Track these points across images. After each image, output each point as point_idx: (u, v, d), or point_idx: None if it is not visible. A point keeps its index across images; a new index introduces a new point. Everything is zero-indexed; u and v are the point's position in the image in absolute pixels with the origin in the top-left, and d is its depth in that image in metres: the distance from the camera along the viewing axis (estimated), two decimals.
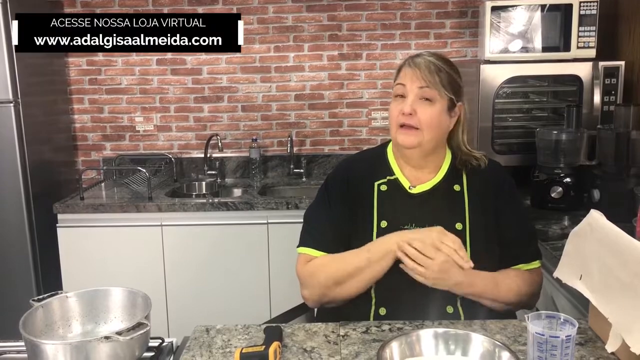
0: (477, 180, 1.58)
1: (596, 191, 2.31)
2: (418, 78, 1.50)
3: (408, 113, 1.49)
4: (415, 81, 1.50)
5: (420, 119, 1.49)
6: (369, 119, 3.51)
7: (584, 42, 2.68)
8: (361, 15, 3.40)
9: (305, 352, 1.28)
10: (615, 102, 2.62)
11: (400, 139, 1.52)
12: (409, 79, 1.51)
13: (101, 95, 3.52)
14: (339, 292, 1.50)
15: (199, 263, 2.96)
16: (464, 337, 1.22)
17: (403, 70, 1.54)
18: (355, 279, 1.46)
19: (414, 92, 1.50)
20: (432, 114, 1.50)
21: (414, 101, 1.50)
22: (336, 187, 1.62)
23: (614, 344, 1.17)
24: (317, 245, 1.56)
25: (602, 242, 1.23)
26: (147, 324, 1.24)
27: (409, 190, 1.56)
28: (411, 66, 1.52)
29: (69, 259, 2.94)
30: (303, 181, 3.46)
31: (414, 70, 1.51)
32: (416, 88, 1.50)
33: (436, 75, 1.50)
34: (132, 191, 3.16)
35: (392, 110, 1.54)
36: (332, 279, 1.49)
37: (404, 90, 1.51)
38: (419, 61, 1.52)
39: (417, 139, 1.50)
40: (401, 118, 1.50)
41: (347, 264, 1.48)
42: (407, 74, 1.52)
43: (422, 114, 1.49)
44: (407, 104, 1.49)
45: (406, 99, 1.51)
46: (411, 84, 1.50)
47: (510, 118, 2.89)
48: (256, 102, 3.50)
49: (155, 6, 3.40)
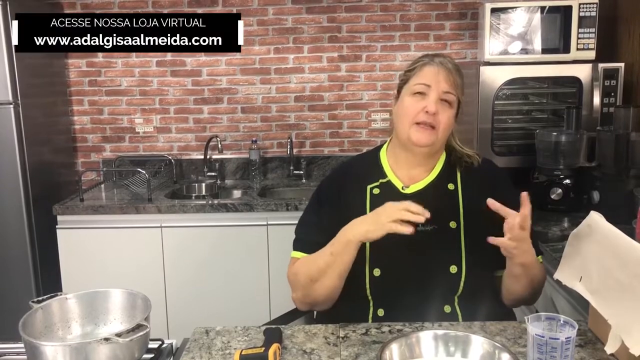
0: (471, 178, 1.58)
1: (596, 193, 2.31)
2: (446, 81, 1.49)
3: (433, 112, 1.48)
4: (442, 83, 1.49)
5: (440, 119, 1.49)
6: (369, 121, 3.51)
7: (584, 44, 2.68)
8: (361, 17, 3.40)
9: (305, 353, 1.28)
10: (614, 103, 2.62)
11: (415, 137, 1.50)
12: (437, 79, 1.49)
13: (101, 97, 3.52)
14: (316, 290, 1.50)
15: (199, 264, 2.96)
16: (463, 338, 1.22)
17: (426, 69, 1.51)
18: (326, 274, 1.47)
19: (437, 93, 1.49)
20: (450, 116, 1.51)
21: (436, 101, 1.49)
22: (327, 192, 1.63)
23: (614, 346, 1.17)
24: (306, 249, 1.56)
25: (601, 244, 1.23)
26: (146, 326, 1.23)
27: (402, 191, 1.56)
28: (437, 66, 1.50)
29: (68, 260, 2.94)
30: (303, 183, 3.46)
31: (443, 71, 1.49)
32: (441, 90, 1.49)
33: (458, 77, 1.51)
34: (132, 193, 3.16)
35: (410, 107, 1.51)
36: (308, 278, 1.50)
37: (426, 89, 1.50)
38: (445, 62, 1.51)
39: (432, 139, 1.50)
40: (423, 116, 1.48)
41: (318, 260, 1.49)
42: (432, 73, 1.50)
43: (442, 115, 1.49)
44: (432, 102, 1.48)
45: (428, 97, 1.49)
46: (437, 85, 1.49)
47: (509, 120, 2.89)
48: (256, 103, 3.51)
49: (155, 8, 3.40)
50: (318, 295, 1.51)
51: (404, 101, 1.53)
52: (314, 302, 1.55)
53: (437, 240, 1.50)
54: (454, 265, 1.48)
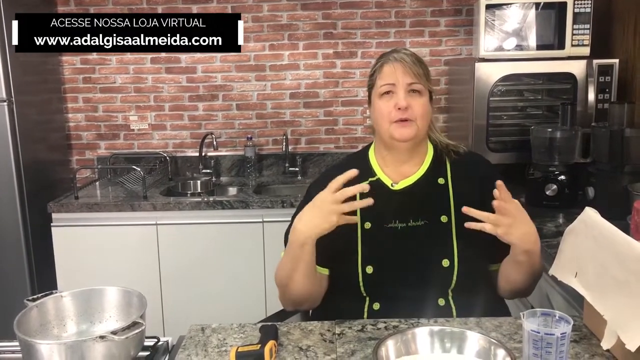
0: (461, 172, 1.59)
1: (591, 189, 2.31)
2: (407, 73, 1.50)
3: (405, 107, 1.49)
4: (404, 75, 1.50)
5: (414, 111, 1.50)
6: (364, 117, 3.51)
7: (578, 40, 2.69)
8: (356, 13, 3.40)
9: (301, 350, 1.28)
10: (609, 99, 2.63)
11: (398, 134, 1.51)
12: (397, 74, 1.51)
13: (95, 94, 3.51)
14: (292, 288, 1.51)
15: (194, 262, 2.95)
16: (459, 334, 1.22)
17: (385, 68, 1.54)
18: (294, 277, 1.48)
19: (403, 87, 1.51)
20: (424, 103, 1.52)
21: (405, 95, 1.50)
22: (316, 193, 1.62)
23: (610, 341, 1.17)
24: None
25: (596, 240, 1.23)
26: (142, 323, 1.23)
27: (391, 188, 1.57)
28: (395, 61, 1.52)
29: (63, 258, 2.93)
30: (298, 179, 3.45)
31: (401, 65, 1.51)
32: (406, 83, 1.50)
33: (420, 67, 1.52)
34: (127, 190, 3.15)
35: (383, 108, 1.53)
36: (284, 277, 1.51)
37: (392, 87, 1.52)
38: (401, 56, 1.53)
39: (414, 131, 1.51)
40: (397, 113, 1.50)
41: (286, 260, 1.50)
42: (392, 70, 1.52)
43: (415, 105, 1.50)
44: (401, 98, 1.50)
45: (396, 94, 1.51)
46: (402, 79, 1.50)
47: (505, 116, 2.90)
48: (251, 100, 3.50)
49: (149, 5, 3.39)
50: (294, 296, 1.53)
51: (375, 105, 1.56)
52: (293, 303, 1.57)
53: (429, 235, 1.51)
54: (446, 259, 1.48)
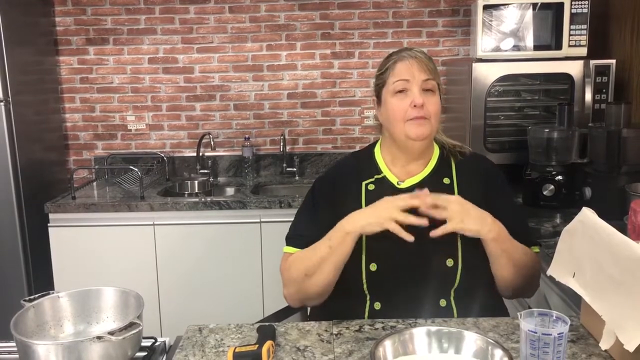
0: (466, 173, 1.59)
1: (588, 189, 2.32)
2: (422, 70, 1.50)
3: (421, 104, 1.48)
4: (419, 73, 1.50)
5: (429, 109, 1.50)
6: (362, 117, 3.51)
7: (576, 41, 2.69)
8: (353, 13, 3.40)
9: (298, 350, 1.28)
10: (606, 100, 2.63)
11: (414, 132, 1.50)
12: (413, 70, 1.50)
13: (92, 94, 3.50)
14: (311, 284, 1.50)
15: (192, 262, 2.95)
16: (457, 335, 1.22)
17: (400, 65, 1.52)
18: (322, 268, 1.47)
19: (418, 84, 1.50)
20: (437, 102, 1.53)
21: (420, 92, 1.50)
22: (322, 189, 1.64)
23: (608, 342, 1.17)
24: (299, 244, 1.56)
25: (594, 240, 1.23)
26: (139, 324, 1.23)
27: (397, 186, 1.57)
28: (410, 58, 1.51)
29: (60, 258, 2.93)
30: (296, 180, 3.45)
31: (416, 61, 1.50)
32: (421, 80, 1.50)
33: (432, 65, 1.52)
34: (124, 190, 3.15)
35: (397, 107, 1.51)
36: (302, 272, 1.50)
37: (406, 84, 1.50)
38: (415, 53, 1.52)
39: (429, 130, 1.51)
40: (413, 111, 1.49)
41: (313, 254, 1.49)
42: (408, 67, 1.51)
43: (429, 104, 1.50)
44: (417, 95, 1.49)
45: (410, 92, 1.50)
46: (418, 75, 1.50)
47: (502, 116, 2.90)
48: (248, 100, 3.50)
49: (146, 5, 3.39)
50: (312, 290, 1.51)
51: (388, 104, 1.54)
52: (306, 298, 1.55)
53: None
54: (451, 259, 1.48)
